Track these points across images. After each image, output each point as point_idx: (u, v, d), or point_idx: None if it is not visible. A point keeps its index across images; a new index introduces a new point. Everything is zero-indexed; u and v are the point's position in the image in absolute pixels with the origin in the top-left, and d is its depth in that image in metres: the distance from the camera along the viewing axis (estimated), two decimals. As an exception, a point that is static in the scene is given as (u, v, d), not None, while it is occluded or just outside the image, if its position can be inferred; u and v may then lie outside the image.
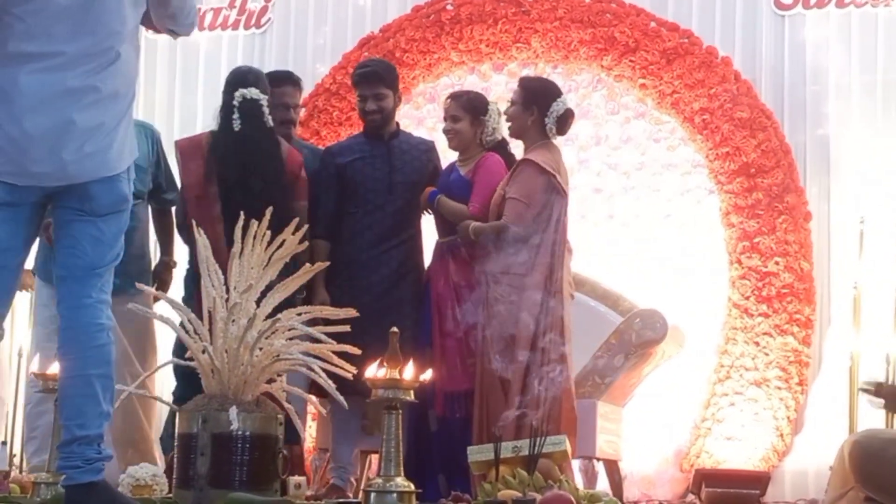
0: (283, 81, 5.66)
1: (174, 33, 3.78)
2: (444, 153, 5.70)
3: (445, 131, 5.47)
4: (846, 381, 6.26)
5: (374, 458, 5.62)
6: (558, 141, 5.37)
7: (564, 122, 5.28)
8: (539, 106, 5.25)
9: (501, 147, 5.48)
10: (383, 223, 5.41)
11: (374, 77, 5.49)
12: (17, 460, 6.22)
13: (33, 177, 3.42)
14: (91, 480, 3.38)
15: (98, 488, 3.39)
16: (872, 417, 5.96)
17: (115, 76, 3.46)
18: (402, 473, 3.89)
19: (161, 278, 5.57)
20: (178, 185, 5.45)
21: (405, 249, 5.44)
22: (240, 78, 5.30)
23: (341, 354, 4.09)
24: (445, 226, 5.42)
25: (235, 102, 5.19)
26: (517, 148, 5.52)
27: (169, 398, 5.00)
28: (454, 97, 5.51)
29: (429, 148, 5.64)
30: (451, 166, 5.49)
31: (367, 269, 5.36)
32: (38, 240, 3.95)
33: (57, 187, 3.45)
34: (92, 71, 3.41)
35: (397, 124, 5.63)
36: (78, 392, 3.41)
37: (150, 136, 5.45)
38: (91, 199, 3.45)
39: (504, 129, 5.46)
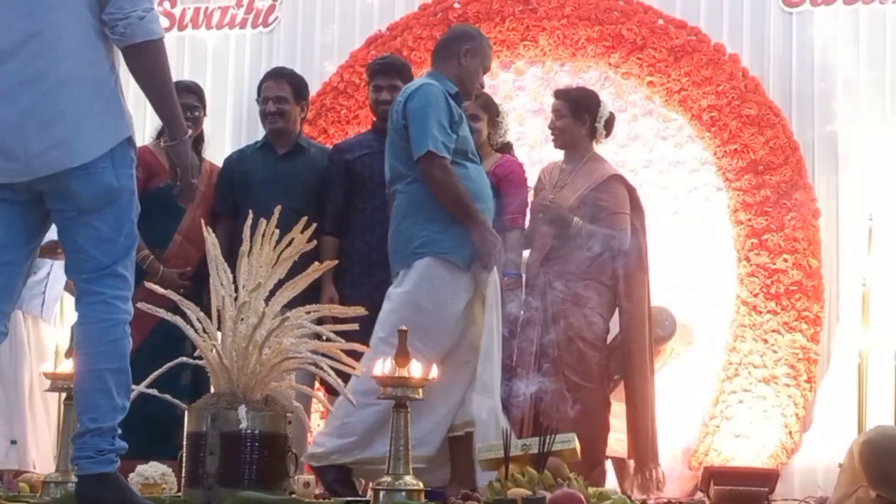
0: (267, 77, 5.71)
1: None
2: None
3: None
4: (855, 378, 6.24)
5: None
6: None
7: (610, 124, 5.39)
8: (591, 114, 5.34)
9: (508, 148, 5.48)
10: (393, 219, 5.40)
11: (391, 69, 5.52)
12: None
13: (5, 172, 3.39)
14: (103, 471, 3.40)
15: (110, 479, 3.41)
16: (881, 415, 5.95)
17: (68, 59, 3.36)
18: (411, 472, 3.89)
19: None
20: None
21: (416, 246, 5.41)
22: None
23: (351, 353, 4.09)
24: None
25: None
26: (520, 147, 5.53)
27: None
28: None
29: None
30: None
31: (377, 267, 5.31)
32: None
33: (41, 186, 3.40)
34: (37, 54, 3.34)
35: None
36: (91, 387, 3.42)
37: None
38: (73, 197, 3.39)
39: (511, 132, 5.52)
